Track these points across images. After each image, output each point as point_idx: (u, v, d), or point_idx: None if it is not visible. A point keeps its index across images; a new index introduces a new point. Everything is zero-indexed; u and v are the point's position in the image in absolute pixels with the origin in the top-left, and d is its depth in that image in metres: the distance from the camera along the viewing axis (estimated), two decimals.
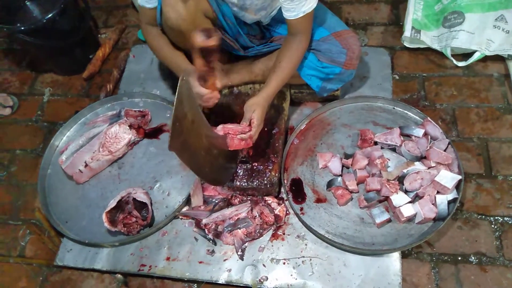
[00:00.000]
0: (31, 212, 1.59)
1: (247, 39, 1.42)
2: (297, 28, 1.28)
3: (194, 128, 1.09)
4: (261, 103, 1.28)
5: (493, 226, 1.33)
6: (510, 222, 1.33)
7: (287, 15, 1.25)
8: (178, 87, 0.97)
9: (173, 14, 1.21)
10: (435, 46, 1.70)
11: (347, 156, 1.46)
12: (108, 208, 1.38)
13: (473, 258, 1.29)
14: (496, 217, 1.34)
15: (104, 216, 1.37)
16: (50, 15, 1.69)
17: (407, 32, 1.71)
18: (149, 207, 1.42)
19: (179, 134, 1.01)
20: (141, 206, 1.43)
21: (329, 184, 1.42)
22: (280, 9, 1.32)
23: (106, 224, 1.36)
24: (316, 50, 1.42)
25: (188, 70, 1.28)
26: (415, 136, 1.44)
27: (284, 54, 1.32)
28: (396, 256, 1.29)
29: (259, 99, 1.28)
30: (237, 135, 1.26)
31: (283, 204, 1.41)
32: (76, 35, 1.86)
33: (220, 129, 1.26)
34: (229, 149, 1.29)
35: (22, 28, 1.68)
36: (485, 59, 1.66)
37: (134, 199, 1.42)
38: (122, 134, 1.58)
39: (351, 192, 1.39)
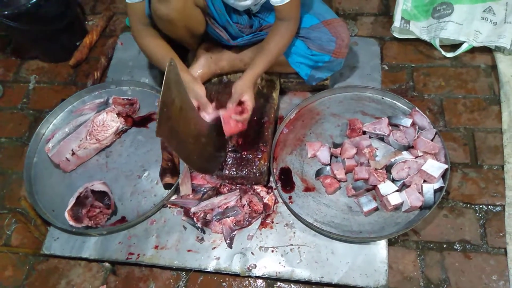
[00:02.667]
0: (16, 201, 1.57)
1: (236, 28, 1.41)
2: (283, 14, 1.28)
3: (182, 115, 1.08)
4: (248, 85, 1.28)
5: (477, 214, 1.36)
6: (494, 211, 1.35)
7: (273, 1, 1.23)
8: (165, 73, 0.96)
9: (163, 4, 1.19)
10: (424, 36, 1.71)
11: (335, 146, 1.46)
12: (69, 206, 1.35)
13: (457, 245, 1.31)
14: (481, 206, 1.37)
15: (67, 215, 1.34)
16: (35, 0, 1.65)
17: (397, 23, 1.72)
18: (110, 194, 1.40)
19: (167, 120, 1.00)
20: (102, 196, 1.41)
21: (318, 173, 1.43)
22: None
23: (71, 222, 1.34)
24: (305, 37, 1.42)
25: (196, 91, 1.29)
26: (403, 126, 1.45)
27: (271, 38, 1.32)
28: (383, 244, 1.30)
29: (245, 82, 1.28)
30: (232, 116, 1.26)
31: (272, 193, 1.41)
32: (62, 21, 1.82)
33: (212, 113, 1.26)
34: (226, 134, 1.29)
35: (6, 12, 1.64)
36: (473, 50, 1.67)
37: (92, 191, 1.40)
38: (110, 122, 1.56)
39: (339, 181, 1.40)
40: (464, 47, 1.64)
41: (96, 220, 1.39)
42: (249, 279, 1.33)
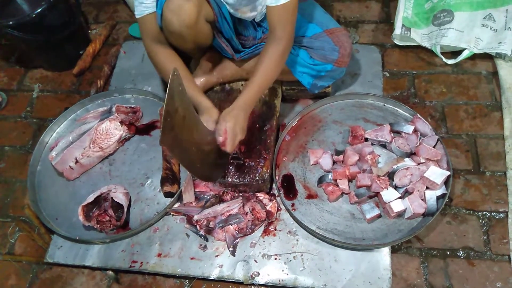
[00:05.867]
0: (20, 209, 1.57)
1: (238, 44, 1.42)
2: (276, 20, 1.22)
3: (185, 123, 1.09)
4: (235, 114, 1.20)
5: (480, 221, 1.35)
6: (497, 217, 1.35)
7: (269, 1, 1.21)
8: (169, 82, 0.97)
9: (176, 20, 1.20)
10: (425, 44, 1.72)
11: (338, 153, 1.47)
12: (85, 202, 1.38)
13: (461, 252, 1.31)
14: (484, 212, 1.37)
15: (80, 209, 1.37)
16: (39, 10, 1.67)
17: (398, 30, 1.73)
18: (125, 209, 1.41)
19: (170, 129, 1.01)
20: (118, 205, 1.42)
21: (320, 181, 1.43)
22: None
23: (81, 218, 1.37)
24: (308, 47, 1.42)
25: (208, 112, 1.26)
26: (405, 133, 1.45)
27: (262, 60, 1.26)
28: (386, 251, 1.30)
29: (232, 110, 1.21)
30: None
31: (274, 200, 1.41)
32: (66, 31, 1.84)
33: None
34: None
35: (11, 22, 1.66)
36: (474, 57, 1.68)
37: (112, 198, 1.41)
38: (113, 130, 1.57)
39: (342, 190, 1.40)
40: (465, 54, 1.65)
41: (103, 226, 1.40)
42: (252, 286, 1.33)
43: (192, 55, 1.50)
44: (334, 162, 1.45)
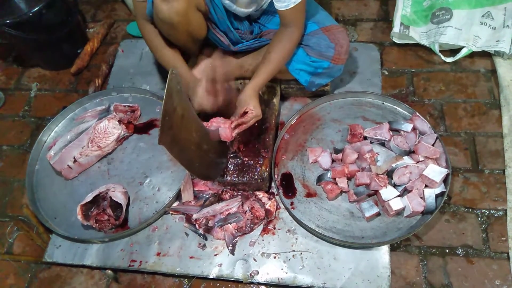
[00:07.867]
0: (19, 209, 1.57)
1: (236, 35, 1.42)
2: (288, 19, 1.28)
3: (184, 122, 1.09)
4: (251, 96, 1.28)
5: (479, 219, 1.36)
6: (496, 215, 1.35)
7: (278, 5, 1.24)
8: (167, 81, 0.97)
9: (165, 6, 1.20)
10: (424, 42, 1.71)
11: (337, 151, 1.47)
12: (84, 202, 1.38)
13: (460, 250, 1.31)
14: (483, 210, 1.37)
15: (78, 209, 1.37)
16: (36, 8, 1.67)
17: (396, 28, 1.73)
18: (123, 208, 1.41)
19: (169, 128, 1.01)
20: (116, 204, 1.42)
21: (319, 179, 1.43)
22: (270, 2, 1.32)
23: (79, 217, 1.37)
24: (304, 44, 1.42)
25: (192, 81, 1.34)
26: (403, 131, 1.45)
27: (274, 45, 1.32)
28: (385, 249, 1.30)
29: (248, 93, 1.29)
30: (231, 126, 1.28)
31: (273, 199, 1.41)
32: (63, 29, 1.83)
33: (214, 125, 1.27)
34: (225, 140, 1.30)
35: (8, 21, 1.65)
36: (472, 55, 1.68)
37: (110, 197, 1.41)
38: (111, 129, 1.56)
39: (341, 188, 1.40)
40: (463, 52, 1.65)
41: (101, 225, 1.40)
42: (252, 285, 1.33)
43: (188, 51, 1.49)
44: (333, 161, 1.45)
